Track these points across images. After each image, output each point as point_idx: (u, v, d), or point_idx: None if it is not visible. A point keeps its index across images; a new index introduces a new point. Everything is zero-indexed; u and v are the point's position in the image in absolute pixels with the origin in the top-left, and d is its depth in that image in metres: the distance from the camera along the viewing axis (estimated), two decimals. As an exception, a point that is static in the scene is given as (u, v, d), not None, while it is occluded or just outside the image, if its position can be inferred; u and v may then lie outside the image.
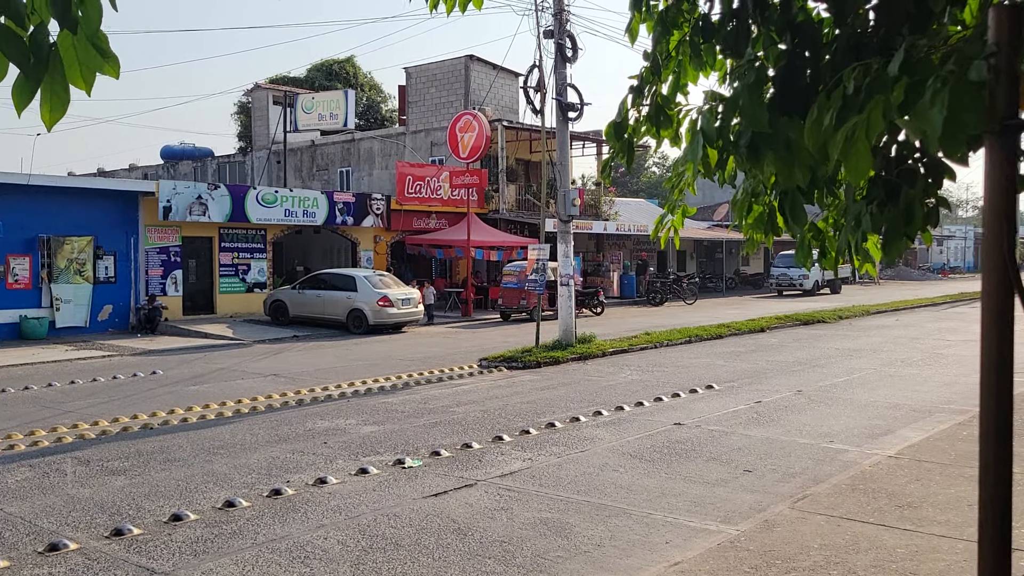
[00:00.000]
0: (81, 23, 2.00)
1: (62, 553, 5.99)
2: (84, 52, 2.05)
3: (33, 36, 1.99)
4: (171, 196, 23.18)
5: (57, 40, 2.03)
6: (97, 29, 2.04)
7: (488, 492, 7.50)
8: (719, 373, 14.69)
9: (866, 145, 2.08)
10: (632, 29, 3.36)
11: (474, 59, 34.64)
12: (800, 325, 23.78)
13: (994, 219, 2.05)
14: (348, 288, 22.55)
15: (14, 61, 1.99)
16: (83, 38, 2.03)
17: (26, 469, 8.38)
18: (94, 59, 2.08)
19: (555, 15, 17.97)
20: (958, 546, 5.87)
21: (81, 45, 2.04)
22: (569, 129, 19.04)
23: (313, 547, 6.10)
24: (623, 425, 10.38)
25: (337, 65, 50.05)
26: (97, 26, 2.04)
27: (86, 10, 2.00)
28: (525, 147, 35.61)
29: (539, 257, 19.43)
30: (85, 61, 2.06)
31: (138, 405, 11.89)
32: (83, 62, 2.06)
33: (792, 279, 38.76)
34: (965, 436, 9.38)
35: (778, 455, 8.78)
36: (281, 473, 8.17)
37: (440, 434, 9.87)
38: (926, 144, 2.00)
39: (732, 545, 6.02)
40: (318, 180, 38.93)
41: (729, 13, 2.83)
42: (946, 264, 67.78)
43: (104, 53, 2.08)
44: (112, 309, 22.37)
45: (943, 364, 15.66)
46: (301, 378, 14.39)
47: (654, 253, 41.13)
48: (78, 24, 1.99)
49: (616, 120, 3.36)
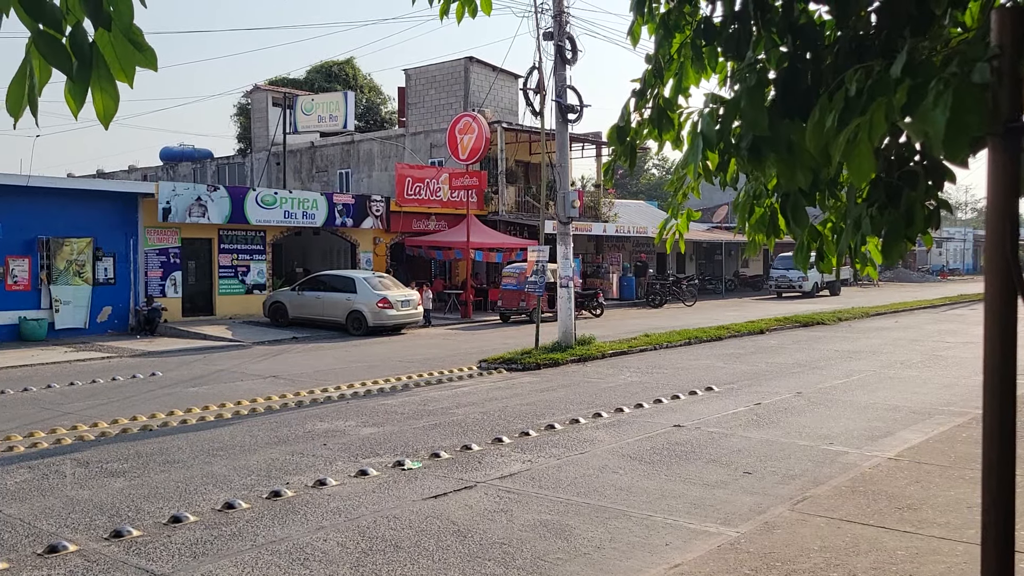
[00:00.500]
0: (114, 18, 2.01)
1: (61, 555, 5.99)
2: (121, 47, 2.07)
3: (72, 36, 2.01)
4: (170, 197, 23.17)
5: (95, 39, 2.04)
6: (131, 23, 2.05)
7: (488, 494, 7.49)
8: (719, 375, 14.69)
9: (868, 147, 2.08)
10: (634, 32, 3.36)
11: (474, 61, 34.65)
12: (799, 327, 23.79)
13: (997, 221, 2.05)
14: (347, 290, 22.55)
15: (58, 67, 2.00)
16: (118, 33, 2.05)
17: (25, 471, 8.37)
18: (132, 54, 2.09)
19: (555, 17, 17.98)
20: (958, 548, 5.87)
21: (118, 40, 2.06)
22: (569, 131, 19.04)
23: (313, 549, 6.10)
24: (623, 427, 10.38)
25: (337, 67, 50.04)
26: (130, 20, 2.05)
27: (117, 5, 2.01)
28: (525, 149, 35.62)
29: (538, 259, 19.42)
30: (123, 56, 2.08)
31: (137, 407, 11.88)
32: (121, 57, 2.08)
33: (791, 281, 38.77)
34: (965, 438, 9.38)
35: (778, 457, 8.78)
36: (280, 475, 8.16)
37: (440, 436, 9.87)
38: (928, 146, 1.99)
39: (732, 547, 6.01)
40: (317, 182, 38.93)
41: (731, 16, 2.83)
42: (945, 266, 67.81)
43: (140, 46, 2.10)
44: (111, 311, 22.36)
45: (942, 366, 15.66)
46: (300, 380, 14.38)
47: (653, 255, 41.14)
48: (111, 20, 2.00)
49: (619, 123, 3.36)
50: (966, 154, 1.92)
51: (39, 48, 1.96)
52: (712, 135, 2.52)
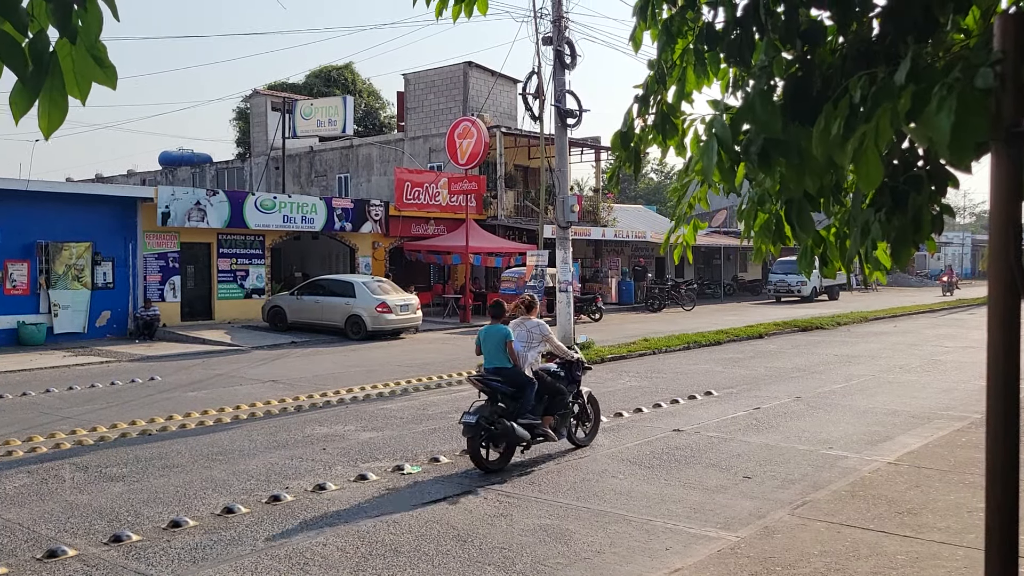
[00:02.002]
0: (81, 32, 1.97)
1: (60, 559, 5.97)
2: (81, 61, 2.02)
3: (32, 44, 1.96)
4: (170, 202, 23.16)
5: (56, 48, 1.99)
6: (96, 39, 2.01)
7: (487, 498, 7.48)
8: (718, 379, 14.69)
9: (876, 154, 2.08)
10: (636, 38, 3.36)
11: (473, 66, 34.69)
12: (798, 331, 23.80)
13: (1000, 226, 2.05)
14: (346, 294, 22.53)
15: (13, 69, 1.95)
16: (82, 47, 2.00)
17: (24, 475, 8.35)
18: (92, 69, 2.04)
19: (554, 22, 18.01)
20: (958, 553, 5.87)
21: (79, 54, 2.01)
22: (568, 135, 19.06)
23: (312, 553, 6.09)
24: (622, 431, 10.37)
25: (336, 71, 50.09)
26: (96, 36, 2.01)
27: (87, 19, 1.97)
28: (524, 153, 35.64)
29: (538, 263, 19.45)
30: (81, 71, 2.03)
31: (136, 411, 11.86)
32: (79, 71, 2.03)
33: (790, 285, 38.77)
34: (964, 443, 9.38)
35: (777, 461, 8.77)
36: (280, 479, 8.15)
37: (439, 440, 9.85)
38: (934, 151, 2.00)
39: (732, 552, 6.01)
40: (316, 186, 38.93)
41: (732, 21, 2.84)
42: (943, 270, 67.81)
43: (102, 63, 2.05)
44: (110, 315, 22.33)
45: (941, 370, 15.67)
46: (300, 384, 14.36)
47: (652, 259, 41.16)
48: (78, 34, 1.97)
49: (622, 129, 3.36)
50: (971, 159, 1.92)
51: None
52: (728, 139, 2.52)
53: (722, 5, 2.92)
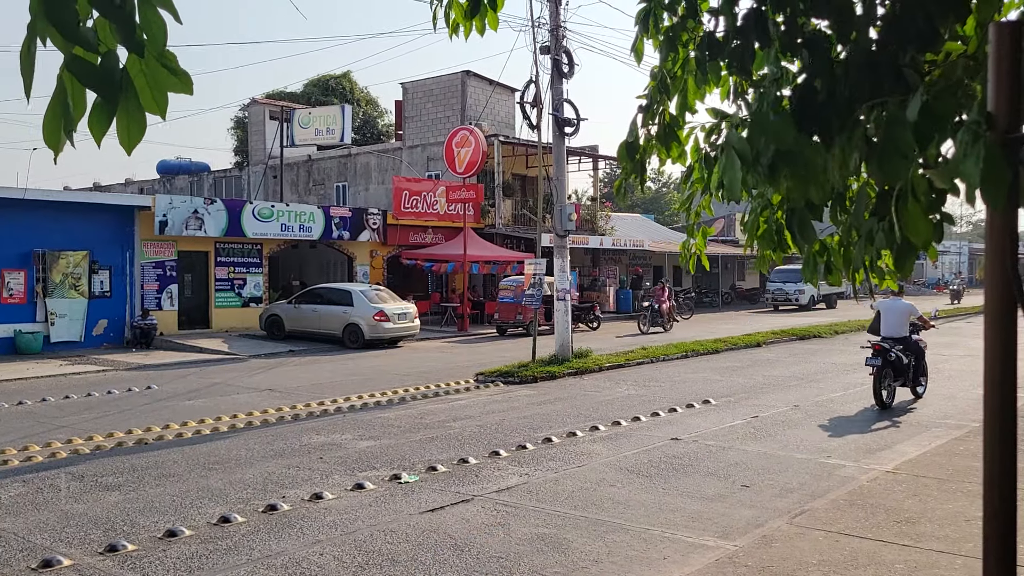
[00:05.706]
0: (147, 44, 1.96)
1: (55, 569, 5.94)
2: (153, 73, 2.02)
3: (103, 65, 1.95)
4: (167, 210, 23.16)
5: (126, 65, 1.99)
6: (163, 47, 1.99)
7: (485, 507, 7.46)
8: (716, 388, 14.68)
9: (919, 209, 2.12)
10: (637, 48, 3.36)
11: (471, 75, 34.76)
12: (796, 340, 23.81)
13: (997, 234, 2.05)
14: (344, 303, 22.52)
15: (92, 88, 1.95)
16: (151, 59, 2.00)
17: (20, 484, 8.32)
18: (166, 78, 2.03)
19: (552, 31, 18.05)
20: (956, 561, 5.86)
21: (151, 66, 2.01)
22: (565, 144, 19.10)
23: (309, 563, 6.06)
24: (620, 440, 10.35)
25: (334, 80, 50.17)
26: (163, 44, 1.99)
27: (151, 30, 1.96)
28: (521, 162, 35.68)
29: (535, 272, 19.43)
30: (155, 82, 2.02)
31: (133, 420, 11.83)
32: (153, 83, 2.02)
33: (788, 294, 38.80)
34: (963, 451, 9.38)
35: (775, 470, 8.76)
36: (277, 488, 8.12)
37: (436, 449, 9.83)
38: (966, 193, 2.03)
39: (730, 561, 5.99)
40: (314, 195, 38.95)
41: (733, 30, 2.84)
42: (941, 279, 67.92)
43: (174, 71, 2.04)
44: (107, 324, 22.29)
45: (939, 379, 15.65)
46: (297, 393, 14.34)
47: (649, 268, 41.17)
48: (144, 47, 1.96)
49: (628, 140, 3.36)
50: (1004, 200, 1.95)
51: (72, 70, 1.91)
52: (747, 152, 2.53)
53: (723, 14, 2.92)
